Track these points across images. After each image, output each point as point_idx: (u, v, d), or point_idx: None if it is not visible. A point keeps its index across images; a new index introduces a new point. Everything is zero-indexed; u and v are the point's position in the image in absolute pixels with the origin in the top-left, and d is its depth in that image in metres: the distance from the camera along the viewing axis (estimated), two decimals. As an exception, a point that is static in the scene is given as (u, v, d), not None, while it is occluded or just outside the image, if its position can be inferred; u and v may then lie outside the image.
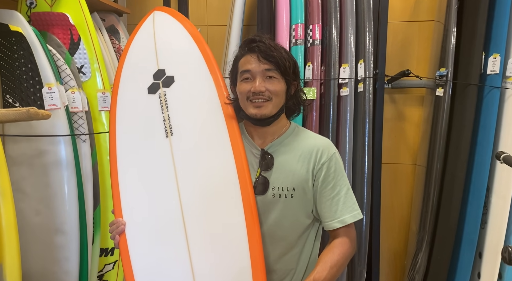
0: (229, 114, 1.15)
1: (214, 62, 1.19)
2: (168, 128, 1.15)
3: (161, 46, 1.23)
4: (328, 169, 1.12)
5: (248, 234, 1.03)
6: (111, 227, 1.15)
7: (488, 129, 1.77)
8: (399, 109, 2.37)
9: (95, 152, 1.67)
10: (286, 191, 1.11)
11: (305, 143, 1.16)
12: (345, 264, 1.12)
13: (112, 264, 1.76)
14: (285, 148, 1.16)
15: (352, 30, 1.95)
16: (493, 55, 1.76)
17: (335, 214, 1.11)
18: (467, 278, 1.85)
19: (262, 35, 1.14)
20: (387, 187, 2.34)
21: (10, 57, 1.45)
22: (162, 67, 1.21)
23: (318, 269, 1.06)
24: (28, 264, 1.46)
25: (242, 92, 1.12)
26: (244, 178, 1.07)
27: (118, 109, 1.23)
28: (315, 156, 1.13)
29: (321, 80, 1.99)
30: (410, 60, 2.32)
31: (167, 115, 1.16)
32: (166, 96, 1.18)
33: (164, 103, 1.18)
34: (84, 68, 1.68)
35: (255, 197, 1.09)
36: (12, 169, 1.40)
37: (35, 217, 1.49)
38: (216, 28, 2.42)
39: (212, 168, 1.12)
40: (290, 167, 1.13)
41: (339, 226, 1.11)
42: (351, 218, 1.12)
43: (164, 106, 1.17)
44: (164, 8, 1.29)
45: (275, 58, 1.10)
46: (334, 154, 1.15)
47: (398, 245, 2.43)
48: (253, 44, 1.11)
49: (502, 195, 1.71)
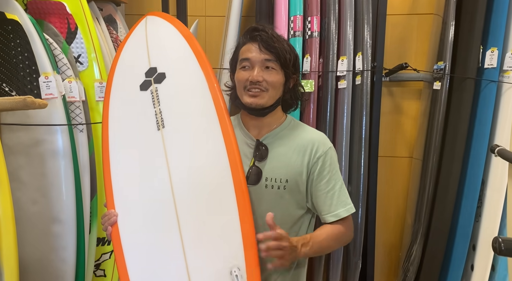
0: (220, 107, 1.16)
1: (205, 58, 1.21)
2: (160, 121, 1.17)
3: (153, 46, 1.27)
4: (323, 163, 1.13)
5: (241, 223, 1.03)
6: (103, 219, 1.15)
7: (484, 123, 1.78)
8: (397, 103, 2.37)
9: (92, 142, 1.68)
10: (279, 182, 1.12)
11: (301, 136, 1.17)
12: (340, 242, 1.16)
13: (109, 253, 1.77)
14: (281, 140, 1.16)
15: (351, 23, 1.95)
16: (491, 49, 1.76)
17: (330, 208, 1.13)
18: (461, 270, 1.87)
19: (265, 25, 1.14)
20: (383, 179, 2.36)
21: (7, 46, 1.44)
22: (154, 65, 1.23)
23: (317, 232, 1.11)
24: (25, 252, 1.47)
25: (240, 81, 1.12)
26: (236, 167, 1.08)
27: (111, 107, 1.25)
28: (311, 150, 1.13)
29: (319, 72, 1.99)
30: (408, 53, 2.31)
31: (159, 109, 1.18)
32: (158, 91, 1.20)
33: (155, 98, 1.20)
34: (81, 57, 1.67)
35: (247, 187, 1.10)
36: (9, 158, 1.40)
37: (32, 206, 1.50)
38: (214, 19, 2.40)
39: (204, 159, 1.13)
40: (284, 158, 1.13)
41: (334, 220, 1.13)
42: (345, 212, 1.13)
43: (155, 101, 1.19)
44: (156, 13, 1.33)
45: (276, 49, 1.09)
46: (329, 148, 1.15)
47: (393, 237, 2.45)
48: (255, 33, 1.11)
49: (497, 188, 1.73)
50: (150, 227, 1.11)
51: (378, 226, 2.18)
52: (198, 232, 1.07)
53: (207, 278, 1.04)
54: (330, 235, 1.11)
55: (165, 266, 1.07)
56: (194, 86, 1.19)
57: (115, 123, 1.23)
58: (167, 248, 1.08)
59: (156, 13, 1.33)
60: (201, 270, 1.05)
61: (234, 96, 1.20)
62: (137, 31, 1.31)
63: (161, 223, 1.10)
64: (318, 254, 1.16)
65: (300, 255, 1.05)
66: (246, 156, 1.15)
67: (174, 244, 1.06)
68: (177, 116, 1.18)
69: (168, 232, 1.08)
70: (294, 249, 1.02)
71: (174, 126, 1.16)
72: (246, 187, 1.08)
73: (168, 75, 1.21)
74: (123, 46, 1.30)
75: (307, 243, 1.06)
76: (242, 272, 1.01)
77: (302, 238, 1.07)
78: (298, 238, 1.06)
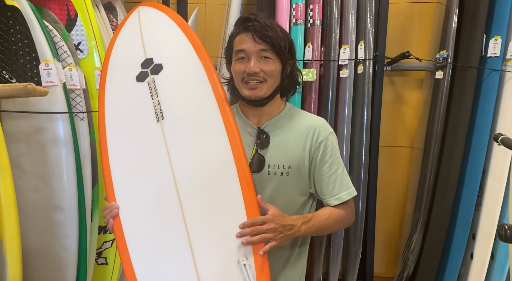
0: (220, 96, 1.15)
1: (202, 48, 1.20)
2: (159, 113, 1.16)
3: (148, 37, 1.24)
4: (325, 148, 1.14)
5: (246, 212, 1.04)
6: (105, 212, 1.14)
7: (486, 112, 1.78)
8: (398, 92, 2.37)
9: (93, 130, 1.67)
10: (282, 168, 1.12)
11: (302, 123, 1.17)
12: (342, 223, 1.18)
13: (110, 241, 1.78)
14: (281, 127, 1.16)
15: (353, 11, 1.93)
16: (494, 37, 1.75)
17: (333, 191, 1.14)
18: (460, 258, 1.88)
19: (257, 14, 1.12)
20: (383, 169, 2.36)
21: (6, 32, 1.42)
22: (150, 56, 1.22)
23: (319, 212, 1.13)
24: (28, 240, 1.47)
25: (237, 73, 1.12)
26: (240, 156, 1.07)
27: (106, 98, 1.23)
28: (312, 135, 1.14)
29: (320, 61, 1.98)
30: (411, 42, 2.30)
31: (157, 101, 1.17)
32: (155, 83, 1.19)
33: (153, 89, 1.18)
34: (81, 45, 1.66)
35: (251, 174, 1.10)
36: (10, 145, 1.39)
37: (33, 193, 1.49)
38: (215, 7, 2.38)
39: (206, 148, 1.12)
40: (286, 145, 1.13)
41: (337, 203, 1.14)
42: (347, 195, 1.15)
43: (153, 92, 1.18)
44: (149, 3, 1.30)
45: (271, 38, 1.08)
46: (330, 133, 1.16)
47: (393, 226, 2.47)
48: (248, 23, 1.10)
49: (498, 178, 1.73)
50: (154, 218, 1.11)
51: (378, 216, 2.19)
52: (203, 222, 1.07)
53: (215, 268, 1.03)
54: (332, 216, 1.13)
55: (171, 258, 1.07)
56: (193, 76, 1.18)
57: (112, 115, 1.21)
58: (172, 239, 1.07)
59: (149, 3, 1.30)
60: (208, 261, 1.04)
61: (232, 88, 1.19)
62: (130, 22, 1.29)
63: (165, 214, 1.10)
64: (318, 234, 1.17)
65: (300, 233, 1.07)
66: (248, 145, 1.15)
67: (179, 235, 1.06)
68: (176, 107, 1.17)
69: (172, 224, 1.08)
70: (290, 227, 1.04)
71: (174, 118, 1.15)
72: (250, 175, 1.08)
73: (165, 66, 1.20)
74: (116, 38, 1.28)
75: (308, 221, 1.08)
76: (250, 261, 1.01)
77: (302, 216, 1.09)
78: (298, 216, 1.08)
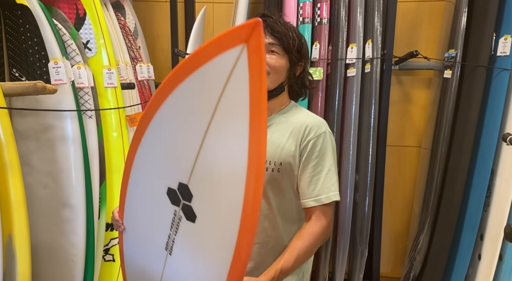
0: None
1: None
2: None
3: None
4: (313, 147, 1.11)
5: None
6: (113, 217, 1.14)
7: (495, 112, 1.76)
8: (406, 92, 2.35)
9: (101, 128, 1.68)
10: (273, 165, 1.11)
11: (297, 120, 1.15)
12: (316, 247, 1.12)
13: (117, 238, 1.79)
14: (278, 124, 1.15)
15: (361, 9, 1.92)
16: (504, 36, 1.73)
17: (312, 192, 1.10)
18: (468, 259, 1.87)
19: (273, 12, 1.14)
20: (391, 169, 2.35)
21: (16, 31, 1.44)
22: (185, 183, 0.90)
23: (286, 257, 1.06)
24: (36, 236, 1.49)
25: None
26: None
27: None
28: (303, 133, 1.12)
29: (327, 60, 1.97)
30: (419, 41, 2.28)
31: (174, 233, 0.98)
32: (182, 212, 0.94)
33: (177, 220, 0.96)
34: (89, 43, 1.67)
35: None
36: (19, 143, 1.41)
37: (42, 190, 1.51)
38: (222, 6, 2.38)
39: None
40: (279, 142, 1.13)
41: (314, 205, 1.10)
42: (326, 198, 1.09)
43: (175, 222, 0.97)
44: None
45: (280, 33, 1.10)
46: (323, 133, 1.12)
47: (400, 226, 2.45)
48: (262, 19, 1.11)
49: (506, 178, 1.71)
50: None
51: (385, 215, 2.18)
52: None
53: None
54: (301, 250, 1.07)
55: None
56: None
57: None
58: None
59: None
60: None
61: None
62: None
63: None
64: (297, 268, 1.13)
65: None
66: None
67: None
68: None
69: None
70: None
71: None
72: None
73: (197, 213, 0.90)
74: None
75: (277, 276, 1.02)
76: None
77: (268, 276, 1.02)
78: (265, 278, 1.01)
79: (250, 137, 0.73)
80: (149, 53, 2.31)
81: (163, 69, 2.43)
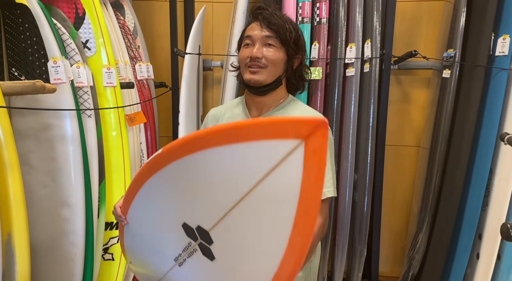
0: None
1: None
2: None
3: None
4: None
5: None
6: (115, 211, 1.08)
7: (493, 112, 1.77)
8: (405, 91, 2.35)
9: (100, 127, 1.68)
10: None
11: (293, 114, 1.16)
12: (314, 245, 1.11)
13: (116, 238, 1.79)
14: None
15: (360, 9, 1.92)
16: (502, 36, 1.74)
17: None
18: (466, 259, 1.87)
19: (269, 4, 1.16)
20: (390, 168, 2.35)
21: (16, 30, 1.44)
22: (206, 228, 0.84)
23: None
24: (35, 235, 1.49)
25: (242, 58, 1.14)
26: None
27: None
28: None
29: (327, 60, 1.98)
30: (418, 41, 2.28)
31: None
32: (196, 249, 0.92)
33: (191, 250, 0.93)
34: (89, 43, 1.67)
35: None
36: (19, 142, 1.41)
37: (41, 189, 1.51)
38: (221, 5, 2.38)
39: None
40: None
41: None
42: None
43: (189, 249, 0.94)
44: None
45: (276, 26, 1.10)
46: None
47: (399, 225, 2.46)
48: (258, 11, 1.14)
49: (505, 178, 1.72)
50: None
51: (383, 214, 2.19)
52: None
53: None
54: None
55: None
56: None
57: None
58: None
59: None
60: None
61: (240, 76, 1.21)
62: None
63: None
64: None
65: None
66: None
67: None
68: None
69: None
70: None
71: None
72: None
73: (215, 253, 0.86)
74: None
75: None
76: None
77: None
78: None
79: (293, 232, 0.68)
80: (149, 53, 2.31)
81: (163, 68, 2.43)
